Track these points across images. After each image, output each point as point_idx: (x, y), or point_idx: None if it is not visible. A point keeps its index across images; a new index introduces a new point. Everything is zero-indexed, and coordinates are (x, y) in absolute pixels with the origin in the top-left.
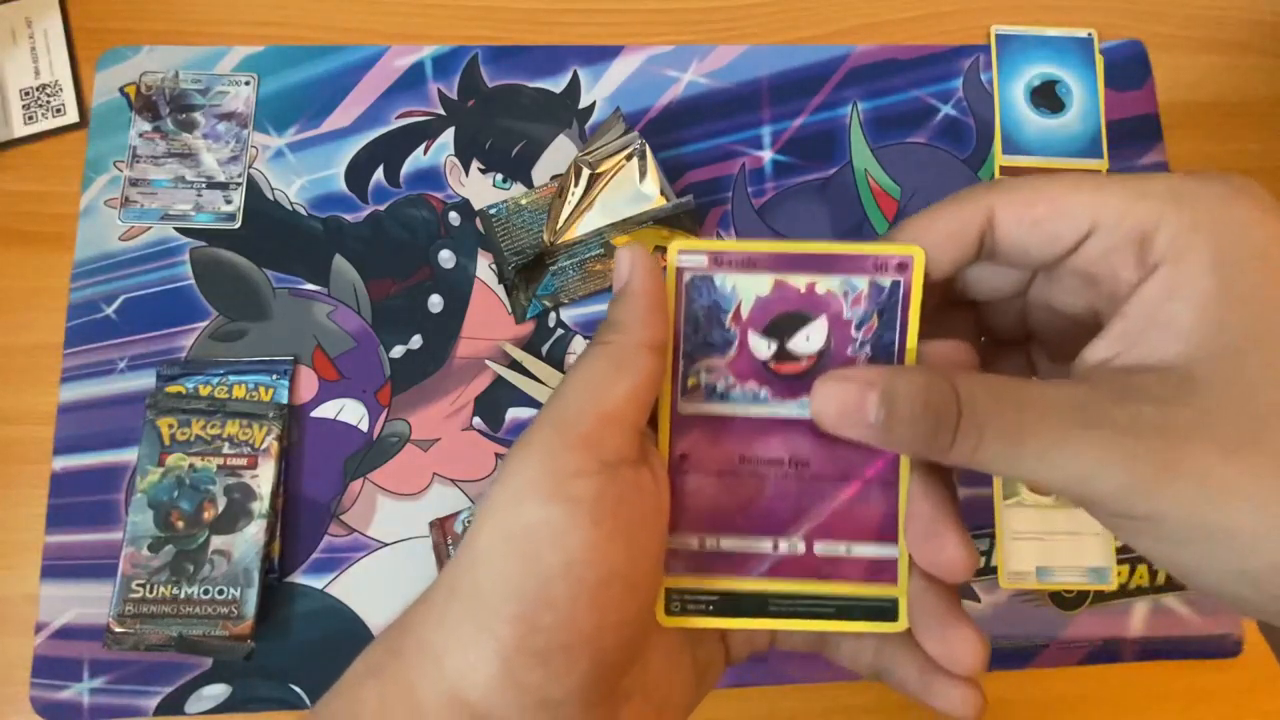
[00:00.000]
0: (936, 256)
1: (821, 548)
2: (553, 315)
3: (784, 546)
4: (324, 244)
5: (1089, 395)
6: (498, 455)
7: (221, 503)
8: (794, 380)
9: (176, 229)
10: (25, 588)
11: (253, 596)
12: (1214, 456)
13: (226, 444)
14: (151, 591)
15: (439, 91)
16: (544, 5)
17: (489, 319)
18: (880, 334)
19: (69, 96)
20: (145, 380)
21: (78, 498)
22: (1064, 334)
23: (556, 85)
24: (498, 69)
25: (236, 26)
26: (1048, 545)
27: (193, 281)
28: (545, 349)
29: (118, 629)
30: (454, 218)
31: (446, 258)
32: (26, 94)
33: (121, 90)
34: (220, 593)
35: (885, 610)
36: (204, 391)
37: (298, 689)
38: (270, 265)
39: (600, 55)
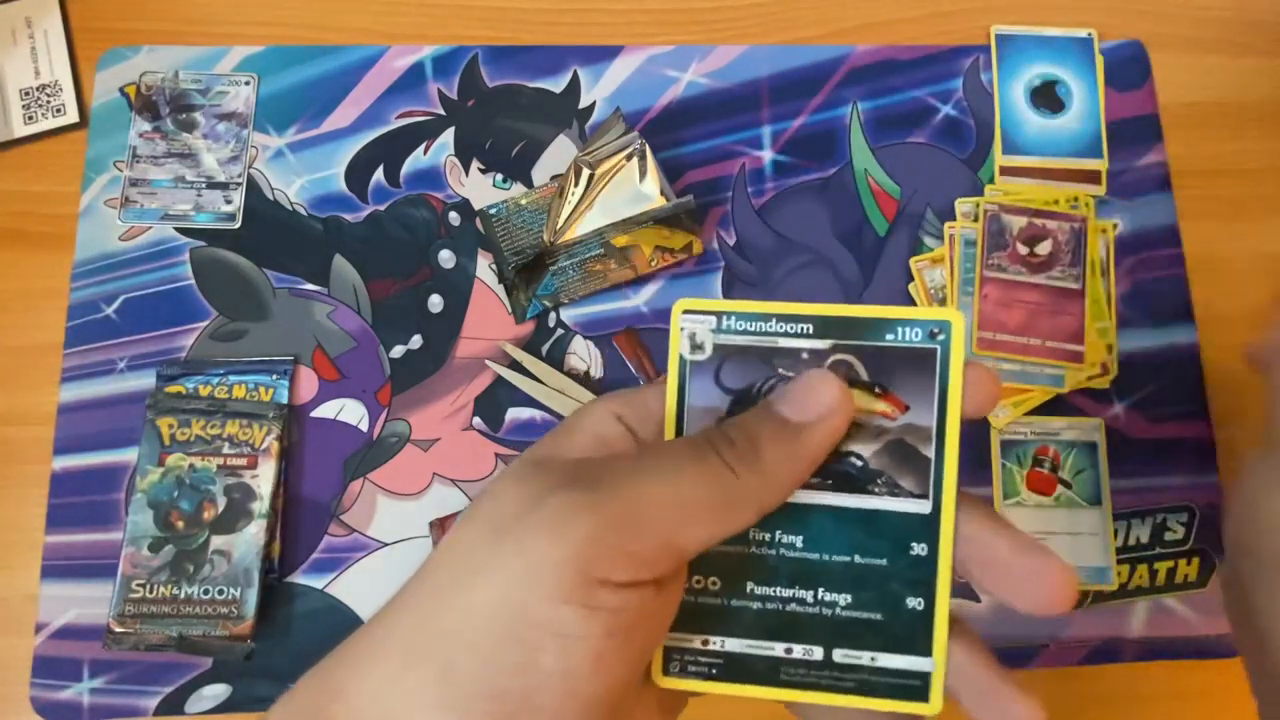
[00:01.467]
0: None
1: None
2: (553, 315)
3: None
4: (324, 244)
5: None
6: (498, 455)
7: (221, 503)
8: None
9: (176, 229)
10: (25, 588)
11: (253, 596)
12: None
13: (226, 444)
14: (151, 591)
15: (439, 91)
16: (544, 5)
17: (489, 319)
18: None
19: (69, 96)
20: (145, 380)
21: (78, 498)
22: None
23: (556, 85)
24: (498, 69)
25: (236, 26)
26: (1047, 545)
27: (193, 281)
28: (545, 349)
29: (118, 629)
30: (454, 218)
31: (446, 258)
32: (26, 94)
33: (121, 90)
34: (220, 593)
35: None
36: (204, 391)
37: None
38: (270, 265)
39: (600, 55)
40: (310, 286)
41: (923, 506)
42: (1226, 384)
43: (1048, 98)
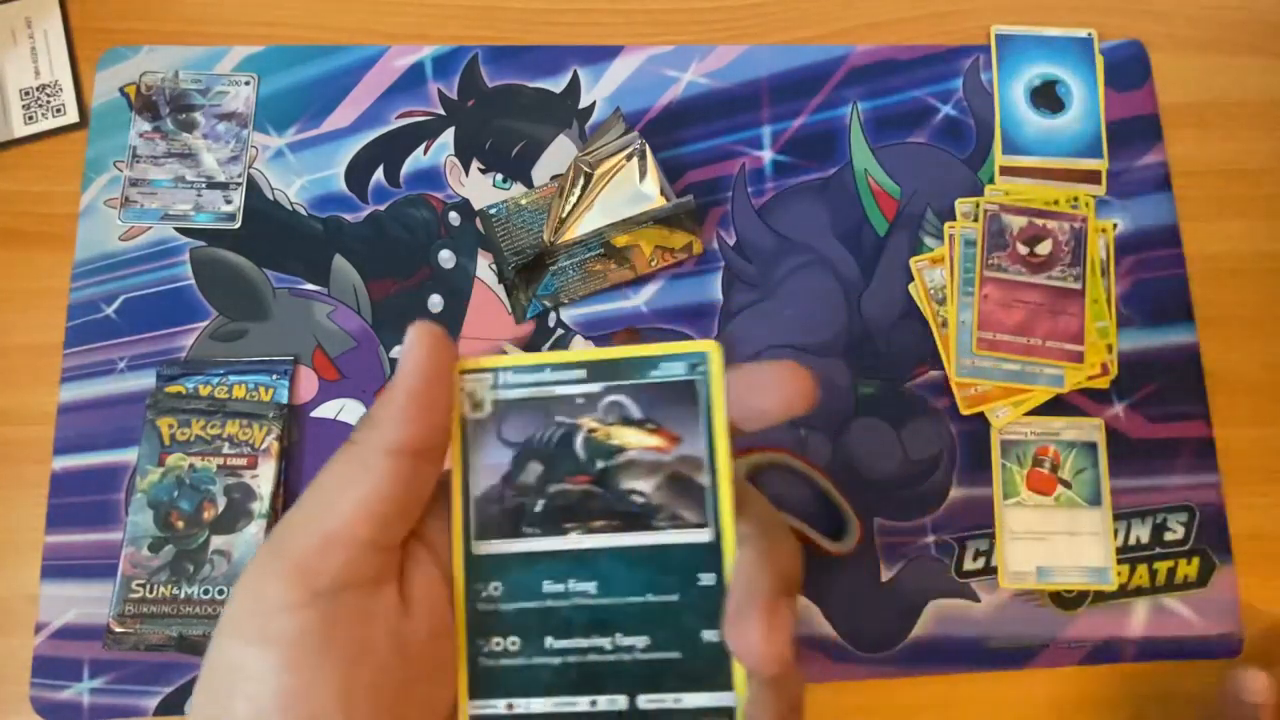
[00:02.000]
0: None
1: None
2: (553, 315)
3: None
4: (324, 244)
5: None
6: None
7: (221, 503)
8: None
9: (176, 229)
10: (25, 588)
11: None
12: None
13: (226, 444)
14: (151, 591)
15: (439, 91)
16: (544, 5)
17: (489, 319)
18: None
19: (69, 96)
20: (145, 380)
21: (78, 498)
22: None
23: (556, 85)
24: (498, 69)
25: (236, 26)
26: (1048, 545)
27: (193, 281)
28: (545, 349)
29: (118, 629)
30: (454, 218)
31: (446, 258)
32: (26, 94)
33: (121, 90)
34: (220, 593)
35: None
36: (204, 391)
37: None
38: (270, 265)
39: (600, 55)
40: (310, 286)
41: (705, 535)
42: (1226, 384)
43: (1048, 98)
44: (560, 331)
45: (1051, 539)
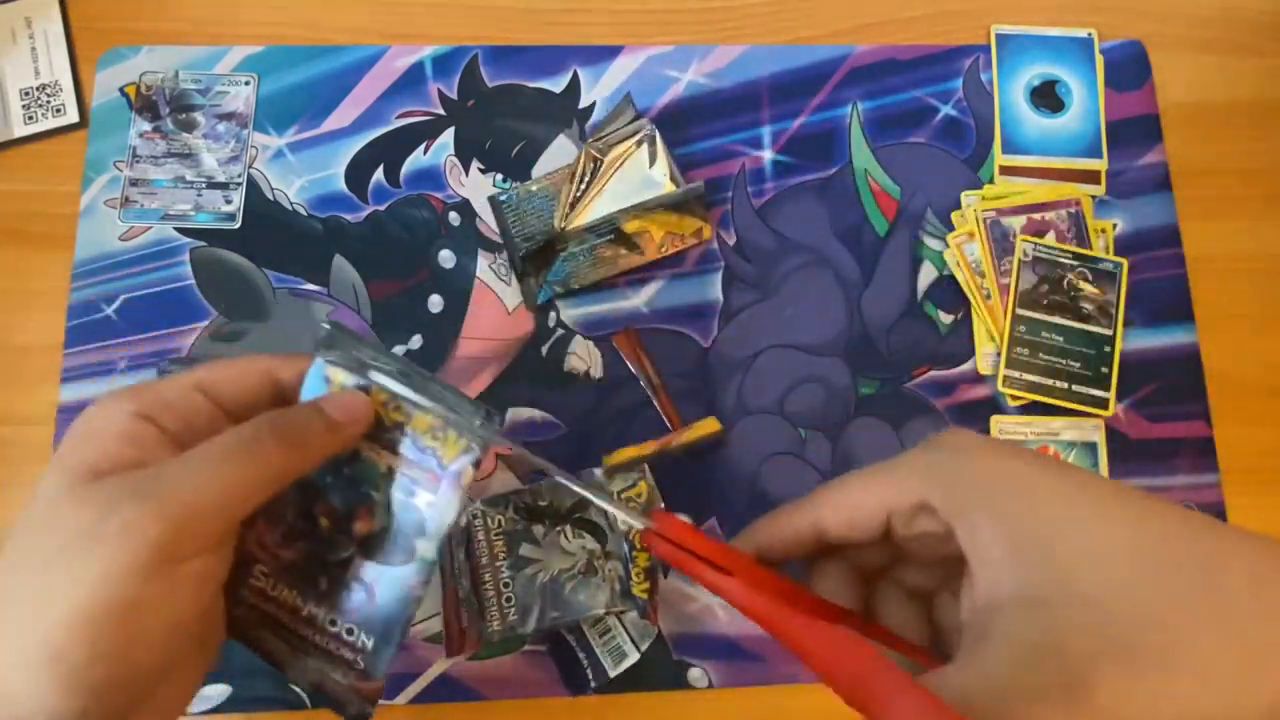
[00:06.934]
0: (781, 554)
1: None
2: (553, 315)
3: None
4: (324, 244)
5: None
6: (498, 455)
7: None
8: None
9: (176, 229)
10: None
11: None
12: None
13: None
14: None
15: (439, 91)
16: (544, 5)
17: (489, 319)
18: None
19: (69, 96)
20: (145, 380)
21: None
22: (925, 561)
23: (556, 85)
24: (498, 69)
25: (236, 26)
26: None
27: (193, 281)
28: (545, 349)
29: None
30: (454, 218)
31: (446, 257)
32: (26, 94)
33: (121, 90)
34: None
35: None
36: None
37: (298, 689)
38: (270, 265)
39: (600, 55)
40: (310, 286)
41: None
42: (1226, 384)
43: (1048, 98)
44: (560, 331)
45: None
